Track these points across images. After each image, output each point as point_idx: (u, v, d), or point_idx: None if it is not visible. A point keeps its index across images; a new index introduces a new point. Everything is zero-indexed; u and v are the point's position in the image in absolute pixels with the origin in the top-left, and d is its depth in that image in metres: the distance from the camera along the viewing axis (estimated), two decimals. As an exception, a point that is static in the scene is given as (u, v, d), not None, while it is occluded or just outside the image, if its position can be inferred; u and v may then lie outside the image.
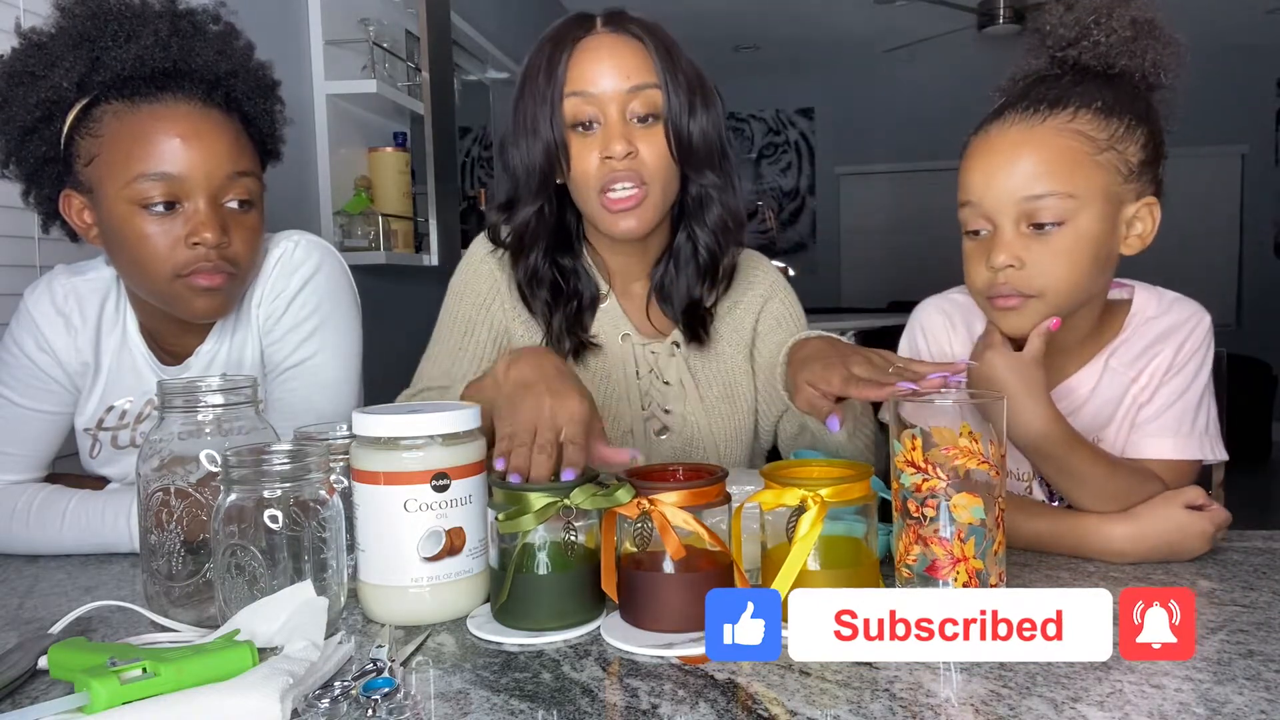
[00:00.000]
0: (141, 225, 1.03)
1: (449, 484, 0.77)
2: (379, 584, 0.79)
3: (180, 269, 1.04)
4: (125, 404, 1.17)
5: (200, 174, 1.03)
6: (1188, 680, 0.65)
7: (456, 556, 0.78)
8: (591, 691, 0.66)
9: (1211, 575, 0.87)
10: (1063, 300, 0.94)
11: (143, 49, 1.03)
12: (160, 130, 1.03)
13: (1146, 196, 0.95)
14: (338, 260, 1.21)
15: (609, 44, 1.10)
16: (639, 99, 1.08)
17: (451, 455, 0.77)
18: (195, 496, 0.83)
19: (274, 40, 2.31)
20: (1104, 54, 0.97)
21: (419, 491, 0.77)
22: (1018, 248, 0.92)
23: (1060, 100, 0.93)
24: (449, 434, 0.78)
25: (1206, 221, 6.24)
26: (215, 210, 1.05)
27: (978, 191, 0.94)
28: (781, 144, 7.05)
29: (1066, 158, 0.91)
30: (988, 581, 0.73)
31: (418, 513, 0.77)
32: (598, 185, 1.09)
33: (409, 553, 0.78)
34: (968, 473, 0.73)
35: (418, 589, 0.78)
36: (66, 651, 0.68)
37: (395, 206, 2.73)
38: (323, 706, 0.63)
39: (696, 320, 1.20)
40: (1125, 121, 0.93)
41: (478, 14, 3.65)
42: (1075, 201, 0.91)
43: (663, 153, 1.09)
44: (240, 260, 1.08)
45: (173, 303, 1.08)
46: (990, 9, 4.80)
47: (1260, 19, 5.34)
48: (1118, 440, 1.02)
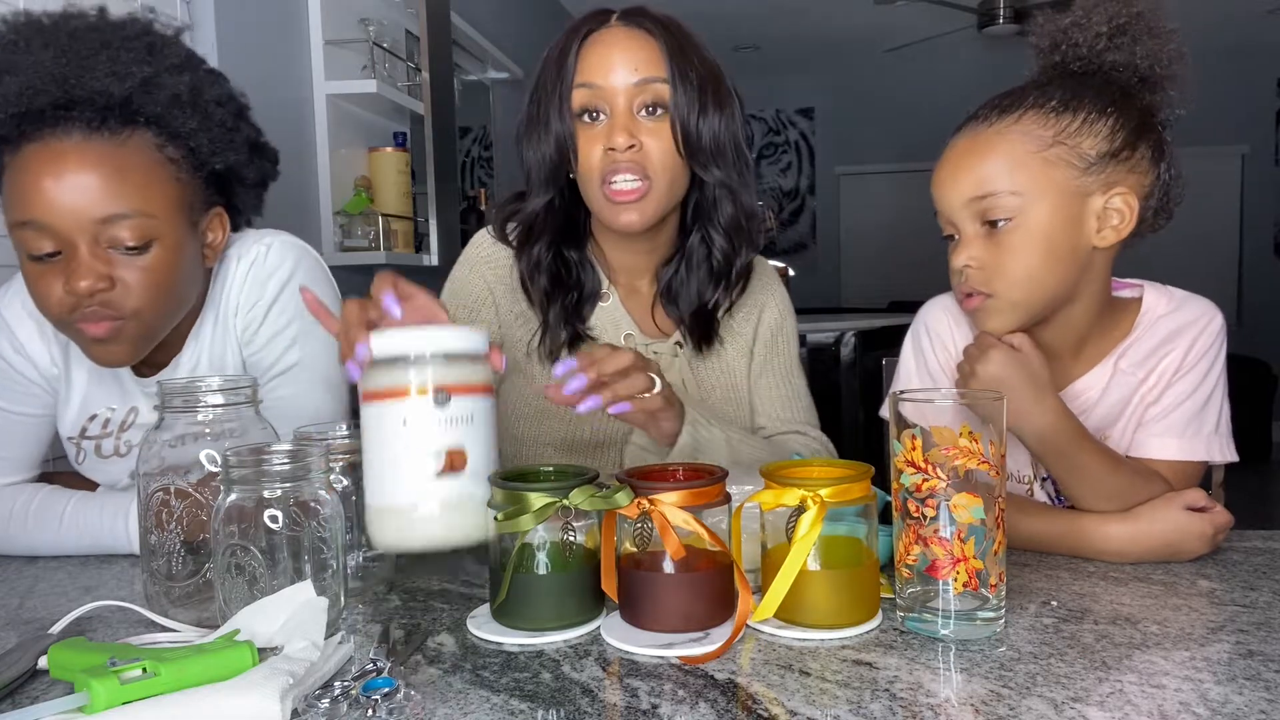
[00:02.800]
0: (30, 269, 0.99)
1: (449, 400, 0.76)
2: (382, 506, 0.78)
3: (66, 314, 0.99)
4: (107, 412, 1.16)
5: (69, 218, 0.96)
6: (1188, 680, 0.65)
7: (458, 477, 0.76)
8: (591, 691, 0.66)
9: (1211, 575, 0.88)
10: (1019, 296, 0.95)
11: (23, 84, 0.95)
12: (33, 173, 0.96)
13: (1119, 187, 0.94)
14: (314, 259, 1.18)
15: (620, 37, 1.10)
16: (646, 92, 1.08)
17: (453, 372, 0.76)
18: (195, 496, 0.83)
19: (274, 40, 2.31)
20: (1085, 55, 0.98)
21: (420, 406, 0.75)
22: (975, 248, 0.96)
23: (1011, 106, 0.96)
24: (451, 352, 0.77)
25: (1206, 221, 6.25)
26: (96, 255, 0.97)
27: (937, 199, 0.99)
28: (781, 144, 7.05)
29: (1008, 158, 0.94)
30: (988, 581, 0.73)
31: (418, 428, 0.75)
32: (600, 176, 1.09)
33: (408, 470, 0.76)
34: (968, 473, 0.73)
35: (418, 508, 0.76)
36: (66, 651, 0.68)
37: (395, 206, 2.73)
38: (323, 706, 0.63)
39: (703, 325, 1.20)
40: (1082, 116, 0.94)
41: (478, 14, 3.65)
42: (1021, 198, 0.93)
43: (669, 147, 1.09)
44: (135, 307, 1.00)
45: (79, 346, 1.05)
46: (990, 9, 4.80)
47: (1260, 19, 5.34)
48: (1123, 440, 1.02)
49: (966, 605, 0.73)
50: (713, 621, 0.75)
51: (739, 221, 1.17)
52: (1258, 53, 5.87)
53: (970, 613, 0.73)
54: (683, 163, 1.10)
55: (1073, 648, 0.71)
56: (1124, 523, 0.92)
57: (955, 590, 0.73)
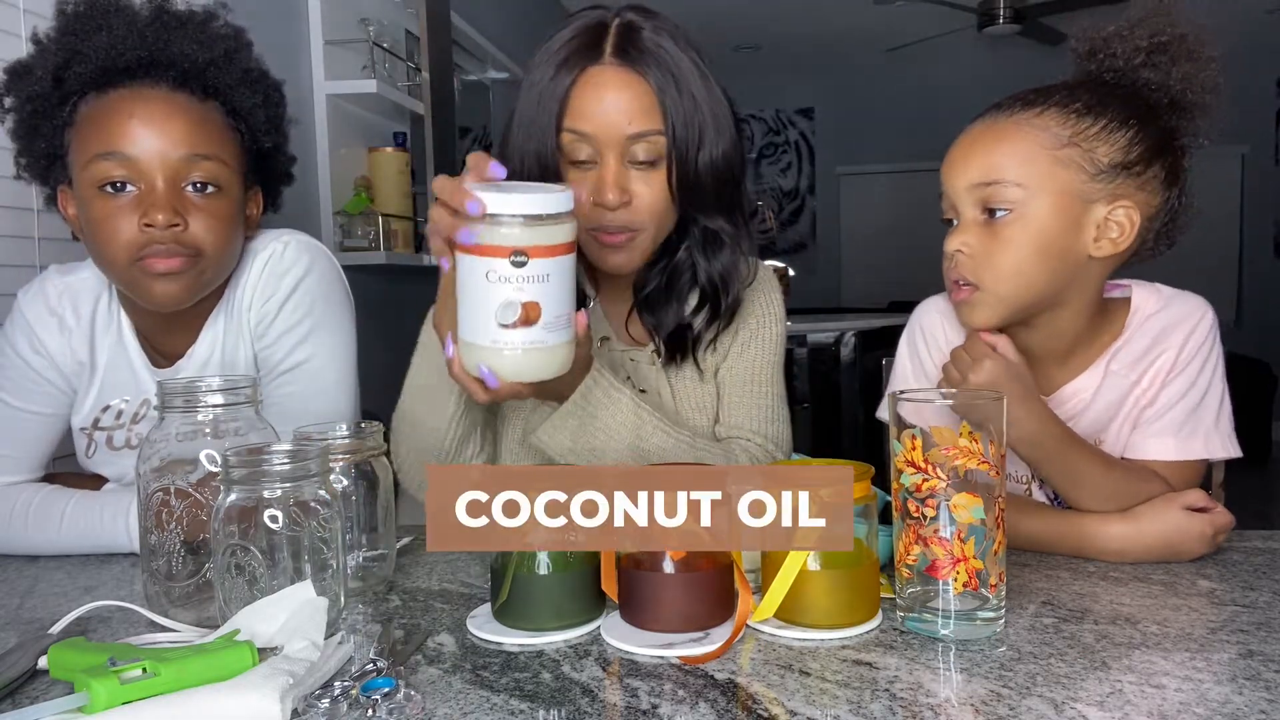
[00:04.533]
0: (100, 207, 1.03)
1: (526, 261, 0.78)
2: (467, 340, 0.82)
3: (134, 252, 1.03)
4: (121, 404, 1.17)
5: (154, 153, 1.03)
6: (1188, 680, 0.65)
7: (533, 327, 0.80)
8: (591, 691, 0.66)
9: (1211, 575, 0.88)
10: (1003, 293, 0.95)
11: (115, 39, 1.04)
12: (119, 112, 1.03)
13: (1124, 201, 0.94)
14: (329, 260, 1.20)
15: (613, 81, 1.03)
16: (640, 145, 1.02)
17: (531, 235, 0.78)
18: (195, 496, 0.83)
19: (274, 40, 2.31)
20: (1121, 67, 0.98)
21: (499, 265, 0.78)
22: (970, 234, 0.96)
23: (1035, 101, 0.96)
24: (530, 214, 0.79)
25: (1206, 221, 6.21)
26: (171, 192, 1.03)
27: (945, 180, 0.99)
28: (781, 144, 7.05)
29: (1020, 148, 0.94)
30: (988, 581, 0.73)
31: (498, 283, 0.79)
32: (587, 224, 1.04)
33: (487, 317, 0.79)
34: (968, 473, 0.73)
35: (498, 350, 0.80)
36: (66, 651, 0.68)
37: (395, 206, 2.72)
38: (323, 706, 0.63)
39: (679, 345, 1.15)
40: (1103, 122, 0.93)
41: (478, 14, 3.65)
42: (1024, 191, 0.93)
43: (662, 194, 1.04)
44: (202, 246, 1.06)
45: (133, 289, 1.07)
46: (990, 9, 4.80)
47: (1260, 19, 5.34)
48: (1118, 443, 1.02)
49: (966, 605, 0.73)
50: (713, 621, 0.75)
51: (736, 263, 1.12)
52: (1258, 53, 5.87)
53: (970, 613, 0.73)
54: (675, 204, 1.06)
55: (1073, 648, 0.71)
56: (1123, 523, 0.92)
57: (955, 590, 0.73)
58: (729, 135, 1.07)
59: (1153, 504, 0.92)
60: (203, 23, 1.10)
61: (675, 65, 1.04)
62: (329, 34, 2.49)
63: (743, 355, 1.20)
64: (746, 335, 1.20)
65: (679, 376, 1.18)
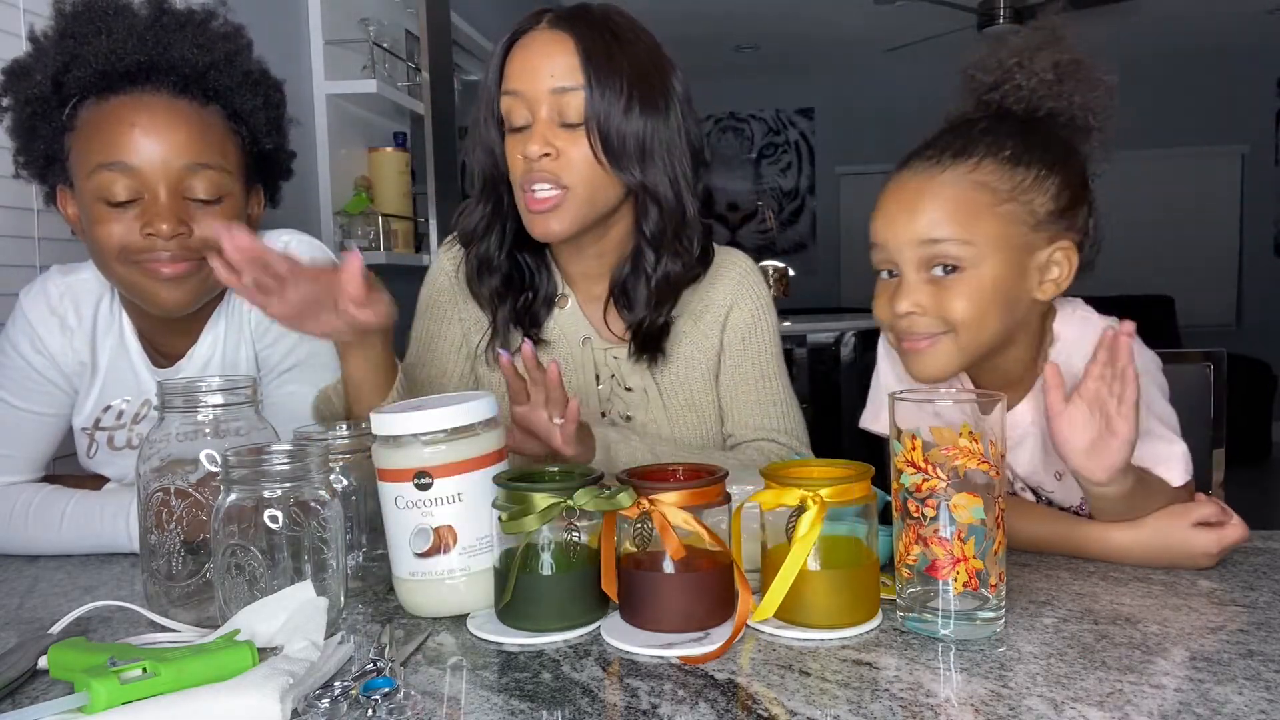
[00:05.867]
0: (103, 214, 1.03)
1: (431, 483, 0.77)
2: (394, 574, 0.82)
3: (133, 252, 1.03)
4: (122, 404, 1.17)
5: (157, 163, 1.03)
6: (1188, 680, 0.65)
7: (449, 555, 0.78)
8: (591, 691, 0.66)
9: (1211, 575, 0.87)
10: (970, 337, 0.92)
11: (115, 43, 1.03)
12: (121, 120, 1.03)
13: (1061, 242, 0.93)
14: (330, 259, 1.20)
15: (542, 42, 1.07)
16: (564, 100, 1.05)
17: (433, 454, 0.77)
18: (195, 496, 0.83)
19: (274, 40, 2.31)
20: (1026, 97, 0.97)
21: (404, 489, 0.78)
22: (920, 294, 0.92)
23: (965, 150, 0.93)
24: (428, 433, 0.77)
25: (1206, 221, 6.24)
26: (174, 201, 1.03)
27: (881, 235, 0.95)
28: (781, 144, 7.05)
29: (964, 207, 0.91)
30: (988, 581, 0.73)
31: (406, 510, 0.78)
32: (520, 184, 1.07)
33: (402, 548, 0.79)
34: (968, 473, 0.73)
35: (410, 584, 0.80)
36: (66, 651, 0.68)
37: (395, 206, 2.73)
38: (323, 706, 0.63)
39: (649, 339, 1.16)
40: (1034, 172, 0.92)
41: (478, 14, 3.65)
42: (973, 249, 0.91)
43: (588, 154, 1.05)
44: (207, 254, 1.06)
45: (139, 294, 1.08)
46: (990, 9, 4.80)
47: (1260, 19, 5.33)
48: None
49: (966, 605, 0.73)
50: (713, 621, 0.75)
51: (664, 229, 1.11)
52: (1258, 53, 5.86)
53: (970, 613, 0.73)
54: (606, 168, 1.06)
55: (1073, 648, 0.71)
56: (1127, 531, 0.90)
57: (955, 590, 0.73)
58: (665, 101, 1.08)
59: (1161, 515, 0.90)
60: (202, 23, 1.10)
61: (609, 29, 1.06)
62: (329, 34, 2.49)
63: (745, 351, 1.20)
64: (744, 330, 1.20)
65: (665, 372, 1.18)
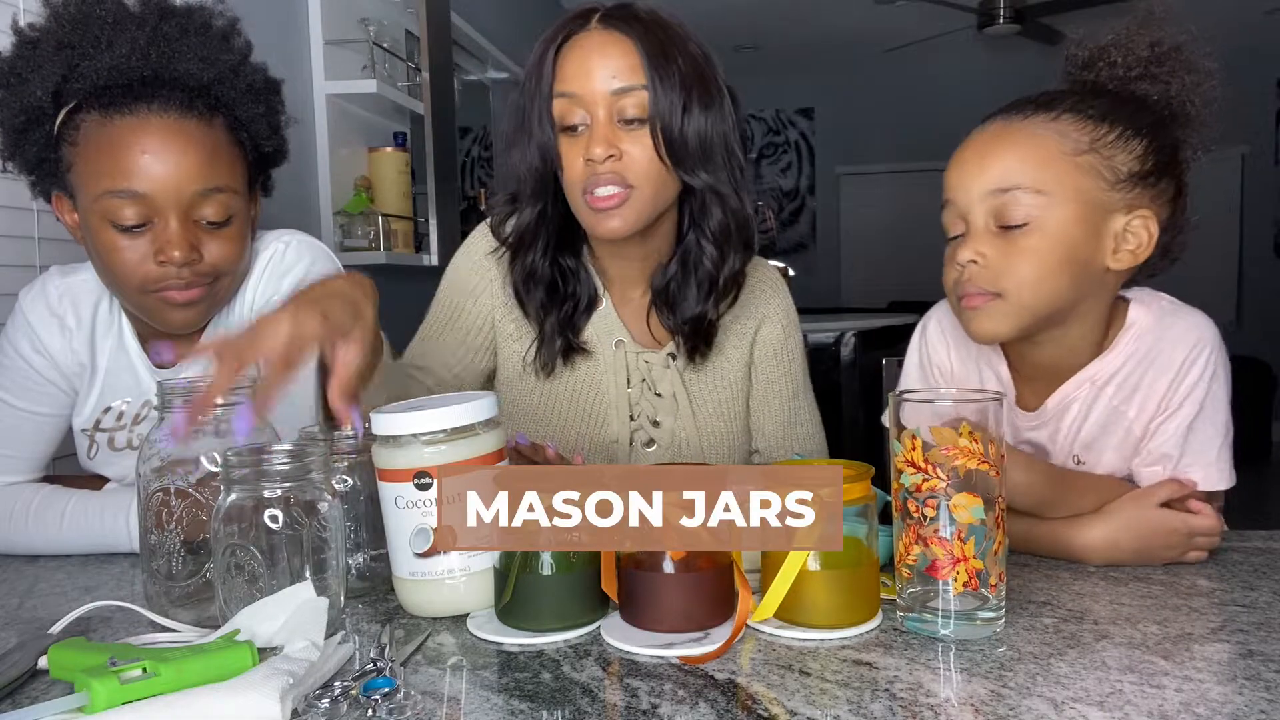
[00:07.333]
0: (112, 239, 1.02)
1: (431, 483, 0.77)
2: (395, 574, 0.82)
3: (149, 284, 1.03)
4: (122, 405, 1.17)
5: (170, 191, 1.01)
6: (1188, 680, 0.65)
7: (449, 554, 0.78)
8: (591, 691, 0.66)
9: (1211, 575, 0.87)
10: (1027, 301, 0.90)
11: (118, 58, 1.01)
12: (130, 145, 1.00)
13: (1141, 210, 0.91)
14: (330, 260, 1.20)
15: (598, 42, 1.06)
16: (625, 100, 1.04)
17: (433, 454, 0.77)
18: (195, 496, 0.83)
19: (274, 40, 2.31)
20: (1120, 76, 0.95)
21: (405, 489, 0.77)
22: (983, 244, 0.91)
23: (1048, 105, 0.92)
24: (428, 433, 0.78)
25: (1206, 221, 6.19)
26: (186, 227, 1.02)
27: (952, 188, 0.94)
28: (781, 144, 7.06)
29: (1039, 153, 0.90)
30: (988, 581, 0.73)
31: (406, 510, 0.78)
32: (582, 186, 1.06)
33: (401, 548, 0.79)
34: (968, 473, 0.73)
35: (411, 583, 0.80)
36: (66, 651, 0.68)
37: (395, 206, 2.73)
38: (323, 706, 0.63)
39: (699, 335, 1.16)
40: (1119, 129, 0.90)
41: (478, 14, 3.65)
42: (1045, 198, 0.89)
43: (651, 154, 1.05)
44: (220, 270, 1.07)
45: (148, 314, 1.08)
46: (990, 9, 4.80)
47: (1260, 19, 5.34)
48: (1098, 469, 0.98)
49: (966, 605, 0.73)
50: (713, 621, 0.75)
51: (728, 226, 1.12)
52: (1258, 53, 5.87)
53: (970, 613, 0.73)
54: (668, 167, 1.07)
55: (1073, 648, 0.71)
56: (1099, 525, 0.90)
57: (955, 590, 0.73)
58: (718, 104, 1.09)
59: (1125, 501, 0.91)
60: (203, 27, 1.08)
61: (662, 29, 1.07)
62: (329, 34, 2.49)
63: (778, 368, 1.22)
64: (776, 346, 1.23)
65: (696, 380, 1.18)
